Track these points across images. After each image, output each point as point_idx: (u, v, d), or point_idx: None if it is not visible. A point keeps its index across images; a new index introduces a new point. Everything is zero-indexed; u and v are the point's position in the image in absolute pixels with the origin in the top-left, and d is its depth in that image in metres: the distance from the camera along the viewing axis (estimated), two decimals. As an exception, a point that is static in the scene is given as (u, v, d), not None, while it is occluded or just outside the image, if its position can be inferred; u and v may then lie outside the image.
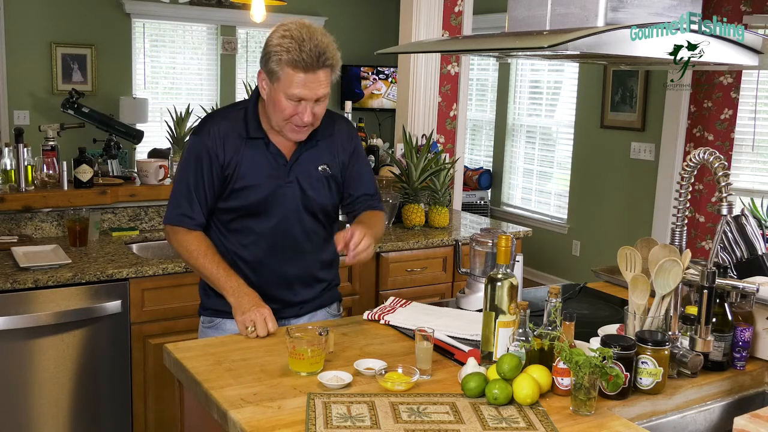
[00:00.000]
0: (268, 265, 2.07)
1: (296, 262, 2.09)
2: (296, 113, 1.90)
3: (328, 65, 1.88)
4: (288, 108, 1.90)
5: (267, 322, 1.92)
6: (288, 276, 2.09)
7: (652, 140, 5.43)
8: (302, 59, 1.83)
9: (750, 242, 2.15)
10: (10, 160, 3.16)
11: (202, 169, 2.00)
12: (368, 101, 7.52)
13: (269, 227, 2.04)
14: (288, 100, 1.89)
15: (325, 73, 1.88)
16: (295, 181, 2.03)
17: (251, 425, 1.43)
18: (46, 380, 2.61)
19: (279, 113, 1.92)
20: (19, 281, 2.52)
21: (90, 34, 6.32)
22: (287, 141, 2.03)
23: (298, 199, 2.04)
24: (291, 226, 2.05)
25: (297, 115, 1.91)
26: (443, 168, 3.60)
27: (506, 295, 1.70)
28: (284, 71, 1.86)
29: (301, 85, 1.86)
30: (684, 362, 1.72)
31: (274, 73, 1.88)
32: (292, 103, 1.89)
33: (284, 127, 1.95)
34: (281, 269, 2.08)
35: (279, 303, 2.06)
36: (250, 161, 2.01)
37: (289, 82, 1.86)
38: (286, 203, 2.03)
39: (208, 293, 2.14)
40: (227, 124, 2.02)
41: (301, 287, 2.12)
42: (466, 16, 4.18)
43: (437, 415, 1.49)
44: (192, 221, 2.04)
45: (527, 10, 1.84)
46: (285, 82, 1.87)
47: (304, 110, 1.90)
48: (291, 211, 2.05)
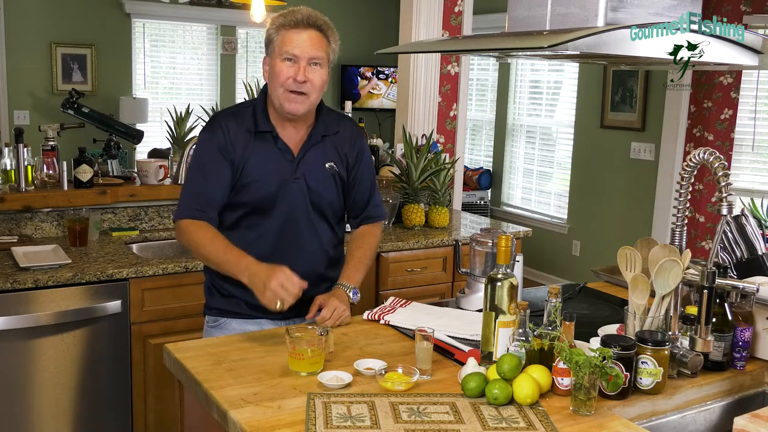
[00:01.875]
0: (274, 263, 2.06)
1: (302, 260, 2.08)
2: (291, 76, 1.96)
3: (319, 26, 1.98)
4: (283, 70, 1.96)
5: (288, 288, 1.85)
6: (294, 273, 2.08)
7: (652, 140, 5.43)
8: (294, 19, 1.96)
9: (750, 242, 2.15)
10: (10, 160, 3.16)
11: (213, 165, 2.02)
12: (367, 101, 7.52)
13: (276, 224, 2.05)
14: (283, 62, 1.96)
15: (317, 34, 1.97)
16: (302, 177, 2.04)
17: (251, 425, 1.43)
18: (46, 380, 2.61)
19: (276, 80, 1.98)
20: (19, 281, 2.52)
21: (90, 34, 6.32)
22: (295, 136, 2.06)
23: (305, 195, 2.05)
24: (298, 223, 2.06)
25: (291, 78, 1.96)
26: (443, 168, 3.60)
27: (506, 295, 1.70)
28: (279, 34, 1.97)
29: (293, 41, 1.95)
30: (684, 362, 1.72)
31: (271, 41, 1.99)
32: (287, 65, 1.96)
33: (281, 98, 1.98)
34: (288, 266, 2.07)
35: None
36: (258, 156, 2.03)
37: (282, 42, 1.96)
38: (292, 199, 2.04)
39: (213, 293, 2.14)
40: (236, 119, 2.06)
41: (308, 284, 2.11)
42: (466, 16, 4.18)
43: (437, 415, 1.49)
44: (203, 214, 2.03)
45: (527, 10, 1.84)
46: (279, 44, 1.97)
47: (297, 70, 1.96)
48: (298, 208, 2.05)
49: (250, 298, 2.07)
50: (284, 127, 2.05)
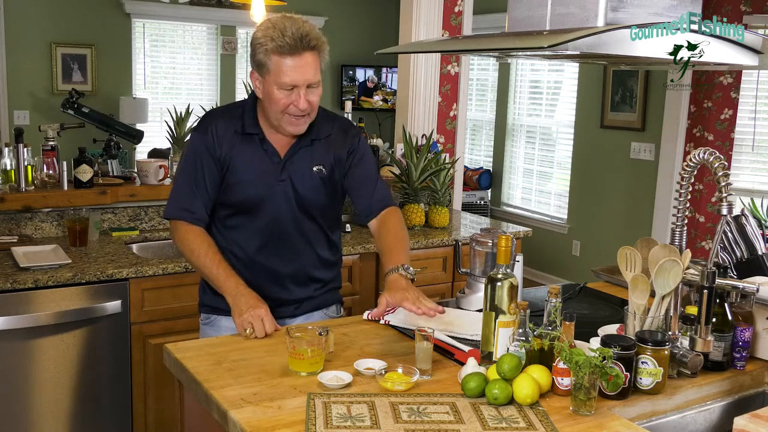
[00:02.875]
0: (260, 263, 2.08)
1: (289, 261, 2.09)
2: (291, 102, 1.93)
3: (313, 46, 1.91)
4: (282, 98, 1.92)
5: (264, 323, 1.91)
6: (281, 274, 2.09)
7: (652, 140, 5.43)
8: (286, 44, 1.87)
9: (750, 242, 2.15)
10: (10, 160, 3.16)
11: (202, 165, 2.03)
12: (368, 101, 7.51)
13: (262, 224, 2.05)
14: (280, 90, 1.92)
15: (312, 56, 1.91)
16: (287, 179, 2.04)
17: (251, 425, 1.43)
18: (46, 380, 2.61)
19: (275, 106, 1.94)
20: (19, 281, 2.52)
21: (90, 34, 6.32)
22: (282, 139, 2.05)
23: (291, 197, 2.05)
24: (284, 225, 2.06)
25: (292, 105, 1.93)
26: (443, 168, 3.60)
27: (506, 295, 1.70)
28: (272, 60, 1.90)
29: (290, 70, 1.89)
30: (684, 362, 1.72)
31: (263, 65, 1.92)
32: (285, 93, 1.92)
33: (282, 121, 1.97)
34: (274, 267, 2.08)
35: (273, 301, 2.06)
36: (244, 157, 2.03)
37: (278, 70, 1.90)
38: (278, 201, 2.04)
39: (205, 290, 2.16)
40: (225, 120, 2.06)
41: (295, 286, 2.12)
42: (466, 16, 4.18)
43: (437, 415, 1.49)
44: (192, 215, 2.04)
45: (527, 10, 1.84)
46: (274, 72, 1.90)
47: (298, 98, 1.92)
48: (284, 210, 2.05)
49: None
50: (273, 131, 2.05)
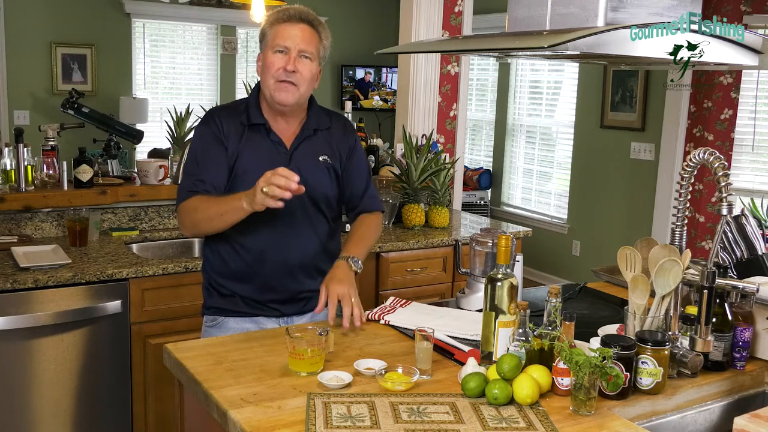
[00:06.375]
0: (269, 253, 2.08)
1: (298, 251, 2.10)
2: (282, 66, 2.01)
3: (311, 20, 2.05)
4: (275, 62, 2.01)
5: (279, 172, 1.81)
6: (290, 264, 2.09)
7: (652, 140, 5.43)
8: (286, 14, 2.04)
9: (750, 242, 2.15)
10: (10, 160, 3.16)
11: (210, 151, 2.05)
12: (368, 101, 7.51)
13: (271, 215, 2.05)
14: (274, 54, 2.01)
15: (308, 29, 2.03)
16: (295, 168, 2.04)
17: (251, 425, 1.43)
18: (46, 380, 2.61)
19: (267, 72, 2.03)
20: (19, 281, 2.52)
21: (90, 34, 6.32)
22: (287, 129, 2.09)
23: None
24: (293, 214, 2.07)
25: (281, 69, 2.00)
26: (443, 168, 3.60)
27: (506, 295, 1.70)
28: (271, 29, 2.04)
29: (284, 32, 2.02)
30: (684, 362, 1.72)
31: (264, 36, 2.06)
32: (279, 56, 2.01)
33: (272, 88, 2.02)
34: (283, 257, 2.09)
35: (283, 293, 2.08)
36: (252, 149, 2.06)
37: (274, 35, 2.03)
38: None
39: (211, 292, 2.15)
40: (229, 114, 2.11)
41: (305, 277, 2.12)
42: (466, 16, 4.18)
43: (437, 415, 1.49)
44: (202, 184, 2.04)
45: (527, 10, 1.84)
46: (271, 38, 2.03)
47: (287, 61, 2.01)
48: (292, 199, 2.04)
49: (249, 294, 2.10)
50: (276, 121, 2.10)
